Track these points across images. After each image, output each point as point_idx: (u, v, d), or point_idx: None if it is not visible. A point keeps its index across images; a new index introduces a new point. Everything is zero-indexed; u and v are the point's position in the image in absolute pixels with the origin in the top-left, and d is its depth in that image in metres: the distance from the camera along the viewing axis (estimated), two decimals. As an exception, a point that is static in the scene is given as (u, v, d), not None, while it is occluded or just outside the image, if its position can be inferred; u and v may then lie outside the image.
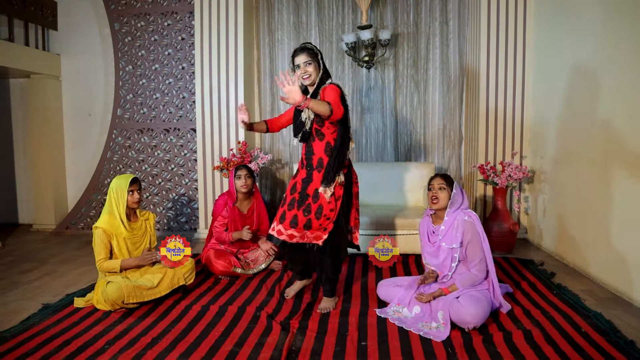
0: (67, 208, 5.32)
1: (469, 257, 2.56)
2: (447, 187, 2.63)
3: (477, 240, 2.56)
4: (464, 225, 2.56)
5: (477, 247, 2.55)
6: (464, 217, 2.58)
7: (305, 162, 2.67)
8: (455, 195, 2.61)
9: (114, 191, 2.87)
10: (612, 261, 3.02)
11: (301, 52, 2.56)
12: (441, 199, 2.62)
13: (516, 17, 4.23)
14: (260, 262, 3.45)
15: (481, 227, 2.60)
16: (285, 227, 2.62)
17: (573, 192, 3.54)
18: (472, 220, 2.58)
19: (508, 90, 4.29)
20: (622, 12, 2.96)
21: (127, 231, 2.87)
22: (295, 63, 2.58)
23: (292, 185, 2.70)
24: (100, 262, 2.81)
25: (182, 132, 4.96)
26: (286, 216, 2.63)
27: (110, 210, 2.87)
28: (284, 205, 2.68)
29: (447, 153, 4.83)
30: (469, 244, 2.55)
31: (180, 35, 4.90)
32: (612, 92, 3.05)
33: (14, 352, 2.19)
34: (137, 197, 2.90)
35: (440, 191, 2.63)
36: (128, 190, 2.86)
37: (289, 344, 2.25)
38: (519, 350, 2.16)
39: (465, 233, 2.55)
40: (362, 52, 4.68)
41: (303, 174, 2.67)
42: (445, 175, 2.69)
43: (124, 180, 2.88)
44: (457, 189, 2.63)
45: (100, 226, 2.82)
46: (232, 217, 3.45)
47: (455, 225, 2.58)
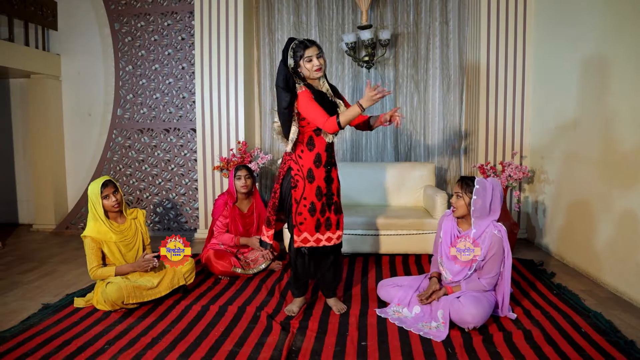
0: (67, 208, 5.32)
1: (485, 270, 2.50)
2: (465, 195, 2.49)
3: (499, 256, 2.48)
4: (491, 238, 2.46)
5: (497, 263, 2.48)
6: (493, 231, 2.47)
7: (325, 160, 2.56)
8: (478, 207, 2.45)
9: (90, 198, 2.78)
10: (612, 261, 3.02)
11: (312, 44, 2.48)
12: (458, 207, 2.52)
13: (516, 16, 4.23)
14: (260, 262, 3.45)
15: (508, 243, 2.50)
16: (322, 233, 2.59)
17: (573, 192, 3.54)
18: (501, 235, 2.47)
19: (508, 90, 4.29)
20: (622, 12, 2.96)
21: (116, 234, 2.82)
22: (306, 55, 2.45)
23: (316, 190, 2.56)
24: (92, 271, 2.76)
25: (182, 132, 4.96)
26: (321, 222, 2.58)
27: (94, 217, 2.80)
28: (316, 214, 2.56)
29: (447, 153, 4.83)
30: (490, 258, 2.48)
31: (180, 35, 4.90)
32: (613, 92, 3.04)
33: (14, 352, 2.19)
34: (114, 199, 2.79)
35: (457, 199, 2.52)
36: (102, 196, 2.77)
37: (289, 344, 2.25)
38: (519, 350, 2.16)
39: (491, 247, 2.46)
40: (362, 52, 4.68)
41: (322, 174, 2.56)
42: (464, 180, 2.52)
43: (96, 185, 2.78)
44: (484, 197, 2.44)
45: (88, 235, 2.76)
46: (232, 216, 3.45)
47: (483, 238, 2.48)
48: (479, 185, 2.46)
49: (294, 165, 2.56)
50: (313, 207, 2.55)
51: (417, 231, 3.71)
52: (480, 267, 2.52)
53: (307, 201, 2.55)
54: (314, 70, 2.47)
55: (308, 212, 2.55)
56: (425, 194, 4.10)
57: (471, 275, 2.53)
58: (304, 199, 2.55)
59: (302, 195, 2.55)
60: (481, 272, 2.52)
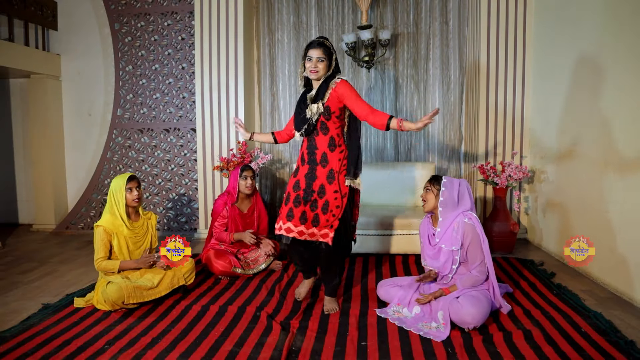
0: (67, 208, 5.32)
1: (469, 259, 2.55)
2: (433, 189, 2.62)
3: (477, 242, 2.54)
4: (463, 227, 2.54)
5: (478, 249, 2.54)
6: (464, 219, 2.56)
7: (307, 158, 2.65)
8: (445, 197, 2.57)
9: (113, 191, 2.88)
10: (612, 261, 3.02)
11: (318, 46, 2.54)
12: (428, 200, 2.65)
13: (516, 16, 4.23)
14: (260, 262, 3.45)
15: (481, 228, 2.58)
16: (295, 224, 2.60)
17: (573, 192, 3.54)
18: (472, 222, 2.56)
19: (508, 90, 4.29)
20: (621, 11, 2.96)
21: (129, 230, 2.88)
22: (308, 55, 2.56)
23: (294, 183, 2.67)
24: (98, 261, 2.80)
25: (182, 132, 4.96)
26: (294, 213, 2.61)
27: (111, 210, 2.88)
28: (289, 203, 2.64)
29: (447, 153, 4.83)
30: (469, 246, 2.53)
31: (180, 35, 4.90)
32: (613, 92, 3.05)
33: (14, 352, 2.20)
34: (137, 194, 2.89)
35: (427, 192, 2.65)
36: (126, 187, 2.86)
37: (289, 344, 2.25)
38: (519, 350, 2.16)
39: (466, 235, 2.53)
40: (362, 52, 4.68)
41: (305, 170, 2.65)
42: (433, 177, 2.67)
43: (122, 179, 2.89)
44: (451, 190, 2.58)
45: (102, 224, 2.82)
46: (232, 216, 3.45)
47: (455, 228, 2.56)
48: (446, 179, 2.62)
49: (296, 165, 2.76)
50: (288, 197, 2.68)
51: (417, 231, 3.71)
52: (465, 259, 2.56)
53: (286, 192, 2.71)
54: (309, 71, 2.57)
55: (284, 201, 2.68)
56: (425, 194, 4.10)
57: (458, 269, 2.58)
58: (286, 192, 2.72)
59: (286, 189, 2.75)
60: (467, 264, 2.56)
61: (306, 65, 2.57)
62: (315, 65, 2.53)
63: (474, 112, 4.47)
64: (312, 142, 2.63)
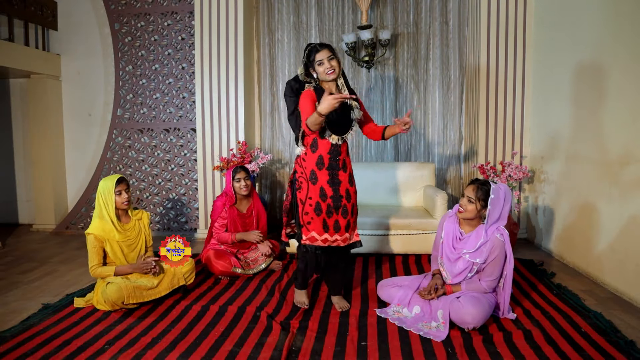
0: (67, 208, 5.32)
1: (486, 272, 2.49)
2: (477, 202, 2.47)
3: (500, 259, 2.46)
4: (493, 241, 2.45)
5: (498, 266, 2.47)
6: (496, 235, 2.46)
7: (327, 163, 2.58)
8: (490, 216, 2.45)
9: (101, 194, 2.80)
10: (612, 261, 3.02)
11: (323, 48, 2.53)
12: (468, 211, 2.51)
13: (516, 17, 4.23)
14: (260, 262, 3.45)
15: (510, 247, 2.48)
16: (330, 235, 2.60)
17: (573, 193, 3.54)
18: (503, 239, 2.46)
19: (508, 89, 4.29)
20: (621, 13, 2.96)
21: (120, 233, 2.82)
22: (317, 59, 2.51)
23: (319, 190, 2.57)
24: (93, 269, 2.77)
25: (182, 132, 4.96)
26: (328, 223, 2.59)
27: (100, 214, 2.81)
28: (322, 214, 2.57)
29: (447, 153, 4.83)
30: (492, 261, 2.46)
31: (180, 35, 4.90)
32: (613, 91, 3.05)
33: (14, 352, 2.19)
34: (126, 197, 2.83)
35: (469, 204, 2.50)
36: (115, 191, 2.79)
37: (289, 344, 2.25)
38: (519, 350, 2.16)
39: (493, 250, 2.45)
40: (362, 52, 4.68)
41: (325, 176, 2.58)
42: (479, 186, 2.48)
43: (110, 181, 2.80)
44: (496, 207, 2.43)
45: (92, 232, 2.77)
46: (231, 217, 3.45)
47: (484, 240, 2.47)
48: (494, 195, 2.44)
49: (299, 168, 2.65)
50: (318, 207, 2.58)
51: (417, 231, 3.71)
52: (481, 270, 2.52)
53: (313, 201, 2.59)
54: (326, 74, 2.53)
55: (314, 211, 2.59)
56: (425, 194, 4.10)
57: (472, 277, 2.53)
58: (309, 199, 2.60)
59: (307, 196, 2.60)
60: (482, 275, 2.52)
61: (319, 70, 2.52)
62: (330, 65, 2.51)
63: (474, 112, 4.47)
64: (338, 148, 2.60)
